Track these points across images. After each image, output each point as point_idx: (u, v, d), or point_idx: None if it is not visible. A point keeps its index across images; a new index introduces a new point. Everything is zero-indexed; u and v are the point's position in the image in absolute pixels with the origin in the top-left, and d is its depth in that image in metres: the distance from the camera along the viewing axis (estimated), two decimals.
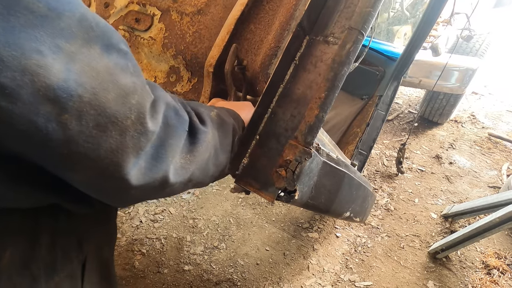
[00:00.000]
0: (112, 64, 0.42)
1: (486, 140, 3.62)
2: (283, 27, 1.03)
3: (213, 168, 0.65)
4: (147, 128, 0.46)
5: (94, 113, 0.39)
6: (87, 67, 0.39)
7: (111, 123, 0.41)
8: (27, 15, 0.34)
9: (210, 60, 1.11)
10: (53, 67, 0.36)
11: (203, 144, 0.58)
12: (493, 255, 2.35)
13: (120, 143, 0.43)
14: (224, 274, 2.10)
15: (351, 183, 1.12)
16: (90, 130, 0.40)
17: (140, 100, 0.45)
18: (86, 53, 0.39)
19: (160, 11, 1.30)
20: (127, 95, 0.43)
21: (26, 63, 0.34)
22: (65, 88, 0.37)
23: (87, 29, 0.40)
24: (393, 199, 2.81)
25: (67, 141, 0.39)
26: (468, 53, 3.49)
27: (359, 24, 0.77)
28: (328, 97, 0.74)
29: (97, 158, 0.42)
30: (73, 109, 0.38)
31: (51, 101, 0.36)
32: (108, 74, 0.41)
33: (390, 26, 3.57)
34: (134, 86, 0.44)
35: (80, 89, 0.38)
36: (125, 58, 0.45)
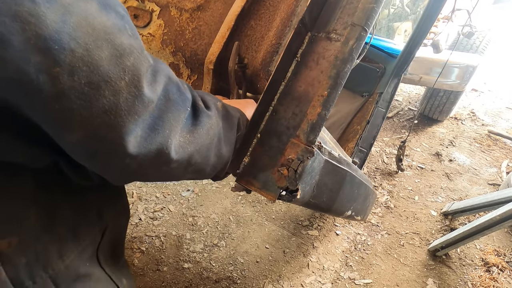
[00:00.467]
0: (109, 23, 0.41)
1: (486, 137, 3.61)
2: (285, 23, 1.01)
3: (214, 158, 0.64)
4: (143, 92, 0.44)
5: (86, 69, 0.39)
6: (83, 21, 0.38)
7: (104, 82, 0.40)
8: None
9: (210, 57, 1.10)
10: (46, 17, 0.35)
11: (204, 127, 0.57)
12: (492, 252, 2.36)
13: (113, 103, 0.42)
14: (224, 272, 2.09)
15: (353, 181, 1.11)
16: (82, 87, 0.39)
17: (135, 63, 0.44)
18: (82, 6, 0.38)
19: (159, 7, 1.28)
20: (121, 56, 0.42)
21: (17, 9, 0.33)
22: (57, 40, 0.36)
23: None
24: (393, 197, 2.81)
25: (58, 94, 0.38)
26: (468, 50, 3.47)
27: (362, 20, 0.75)
28: (331, 95, 0.73)
29: (90, 117, 0.41)
30: (65, 63, 0.37)
31: (41, 51, 0.35)
32: (104, 32, 0.40)
33: (391, 22, 3.55)
34: (130, 48, 0.43)
35: (73, 43, 0.37)
36: (123, 20, 0.44)
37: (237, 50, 1.03)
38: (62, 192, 0.57)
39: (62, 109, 0.39)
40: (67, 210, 0.58)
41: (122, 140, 0.44)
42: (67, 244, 0.59)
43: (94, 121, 0.41)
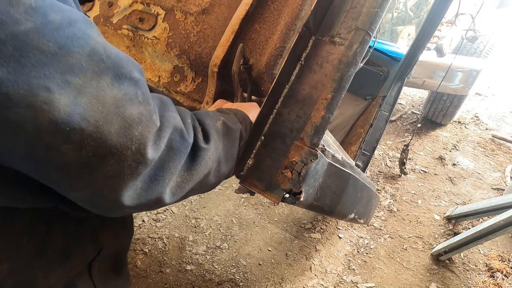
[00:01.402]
0: (120, 95, 0.43)
1: (489, 141, 3.60)
2: (289, 27, 1.02)
3: (214, 179, 0.65)
4: (146, 157, 0.46)
5: (94, 144, 0.40)
6: (94, 99, 0.40)
7: (110, 153, 0.42)
8: (37, 54, 0.35)
9: (214, 60, 1.11)
10: (59, 102, 0.37)
11: (202, 162, 0.57)
12: (496, 257, 2.34)
13: (117, 170, 0.44)
14: (226, 274, 2.10)
15: (356, 184, 1.11)
16: (89, 158, 0.41)
17: (143, 131, 0.45)
18: (95, 85, 0.40)
19: (164, 10, 1.29)
20: (130, 127, 0.43)
21: (32, 100, 0.35)
22: (68, 122, 0.38)
23: (97, 62, 0.41)
24: (396, 200, 2.80)
25: (66, 165, 0.40)
26: (472, 54, 3.47)
27: (366, 24, 0.76)
28: (335, 98, 0.74)
29: (94, 181, 0.43)
30: (74, 141, 0.39)
31: (53, 133, 0.37)
32: (115, 105, 0.42)
33: (394, 26, 3.55)
34: (139, 117, 0.44)
35: (84, 123, 0.39)
36: (136, 86, 0.45)
37: (241, 52, 1.04)
38: (57, 221, 0.59)
39: (68, 175, 0.42)
40: (61, 236, 0.60)
41: (122, 197, 0.46)
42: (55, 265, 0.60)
43: (97, 184, 0.43)
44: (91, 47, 0.40)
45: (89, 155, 0.40)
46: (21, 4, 0.34)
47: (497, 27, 5.30)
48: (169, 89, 1.32)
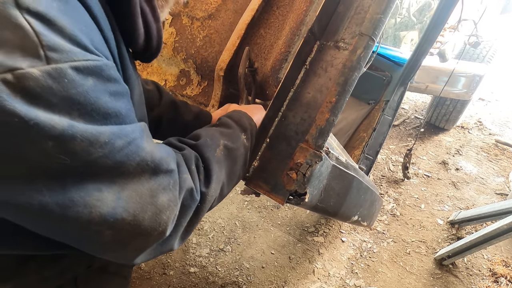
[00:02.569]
0: (156, 186, 0.49)
1: (493, 146, 3.59)
2: (294, 32, 1.04)
3: (217, 202, 0.71)
4: (167, 232, 0.52)
5: (129, 229, 0.46)
6: (134, 192, 0.46)
7: (140, 235, 0.48)
8: (96, 169, 0.42)
9: (220, 64, 1.13)
10: (107, 198, 0.43)
11: (208, 204, 0.63)
12: (500, 262, 2.33)
13: (142, 245, 0.51)
14: (230, 277, 2.10)
15: (360, 187, 1.13)
16: (123, 238, 0.47)
17: (169, 215, 0.51)
18: (136, 181, 0.46)
19: (171, 15, 1.32)
20: (160, 213, 0.49)
21: (88, 199, 0.42)
22: (112, 214, 0.44)
23: (142, 167, 0.47)
24: (399, 205, 2.80)
25: (103, 244, 0.47)
26: (475, 59, 3.48)
27: (369, 30, 0.78)
28: (339, 101, 0.76)
29: (119, 252, 0.50)
30: (116, 228, 0.45)
31: (100, 224, 0.44)
32: (150, 196, 0.48)
33: (397, 31, 3.58)
34: (168, 203, 0.50)
35: (125, 214, 0.45)
36: (169, 176, 0.51)
37: (247, 55, 1.06)
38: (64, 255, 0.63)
39: (101, 249, 0.49)
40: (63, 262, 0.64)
41: (139, 258, 0.53)
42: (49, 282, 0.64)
43: (122, 253, 0.50)
44: (141, 158, 0.47)
45: (124, 236, 0.47)
46: (98, 143, 0.41)
47: (500, 33, 5.31)
48: (175, 93, 1.34)
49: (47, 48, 0.36)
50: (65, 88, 0.37)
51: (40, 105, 0.36)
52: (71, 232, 0.44)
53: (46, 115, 0.36)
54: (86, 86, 0.39)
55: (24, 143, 0.36)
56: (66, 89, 0.37)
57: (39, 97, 0.36)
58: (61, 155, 0.38)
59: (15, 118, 0.34)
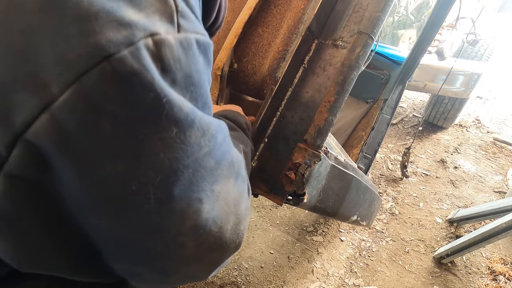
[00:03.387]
0: (238, 193, 0.44)
1: (491, 144, 3.60)
2: (291, 30, 1.04)
3: None
4: (241, 245, 0.47)
5: (212, 240, 0.40)
6: (223, 202, 0.41)
7: (220, 247, 0.42)
8: (202, 172, 0.37)
9: (218, 63, 1.12)
10: (204, 209, 0.38)
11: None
12: (499, 261, 2.34)
13: (218, 259, 0.44)
14: (228, 277, 2.10)
15: (359, 186, 1.12)
16: (203, 252, 0.40)
17: (246, 225, 0.46)
18: (225, 188, 0.41)
19: None
20: (239, 223, 0.44)
21: (186, 210, 0.36)
22: (204, 226, 0.38)
23: (231, 169, 0.43)
24: (398, 203, 2.80)
25: (183, 258, 0.40)
26: (473, 58, 3.48)
27: (368, 28, 0.77)
28: (338, 100, 0.75)
29: (192, 268, 0.42)
30: (201, 240, 0.39)
31: (189, 235, 0.38)
32: (234, 205, 0.43)
33: (395, 30, 3.57)
34: (245, 212, 0.46)
35: (213, 226, 0.39)
36: (244, 182, 0.47)
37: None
38: None
39: (178, 265, 0.40)
40: None
41: (207, 277, 0.47)
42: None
43: (195, 269, 0.43)
44: (232, 157, 0.43)
45: (204, 249, 0.40)
46: (208, 135, 0.36)
47: (498, 31, 5.32)
48: None
49: (180, 14, 0.31)
50: (189, 62, 0.32)
51: (169, 80, 0.30)
52: (151, 243, 0.36)
53: (175, 93, 0.30)
54: (201, 65, 0.34)
55: (148, 128, 0.29)
56: (190, 64, 0.32)
57: (170, 70, 0.30)
58: (181, 145, 0.32)
59: (151, 93, 0.28)
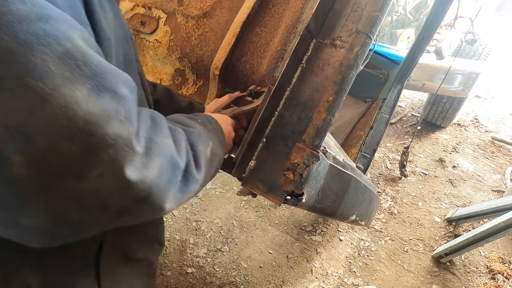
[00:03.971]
0: (97, 110, 0.37)
1: (489, 143, 3.60)
2: (289, 30, 1.03)
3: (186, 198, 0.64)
4: (127, 179, 0.41)
5: (51, 160, 0.35)
6: (58, 110, 0.34)
7: (69, 173, 0.37)
8: None
9: (216, 63, 1.12)
10: (14, 108, 0.33)
11: (191, 193, 0.56)
12: (497, 259, 2.34)
13: (96, 190, 0.40)
14: (227, 277, 2.09)
15: (357, 186, 1.12)
16: (45, 176, 0.36)
17: (115, 156, 0.39)
18: (65, 94, 0.35)
19: (166, 14, 1.30)
20: (97, 150, 0.38)
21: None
22: (21, 131, 0.34)
23: (71, 68, 0.36)
24: (397, 203, 2.80)
25: (13, 180, 0.36)
26: (471, 57, 3.48)
27: (366, 27, 0.77)
28: (336, 100, 0.74)
29: (49, 201, 0.39)
30: (26, 153, 0.34)
31: (4, 140, 0.34)
32: (85, 121, 0.36)
33: (393, 29, 3.57)
34: (114, 139, 0.39)
35: (40, 138, 0.34)
36: (120, 103, 0.40)
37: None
38: None
39: (21, 191, 0.36)
40: None
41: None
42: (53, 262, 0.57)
43: (53, 207, 0.38)
44: (65, 49, 0.36)
45: (44, 175, 0.36)
46: None
47: (496, 30, 5.33)
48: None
49: None
50: None
51: None
52: None
53: None
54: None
55: None
56: None
57: None
58: None
59: None
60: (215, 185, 2.76)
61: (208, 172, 0.63)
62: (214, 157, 0.66)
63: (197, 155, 0.58)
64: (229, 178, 2.82)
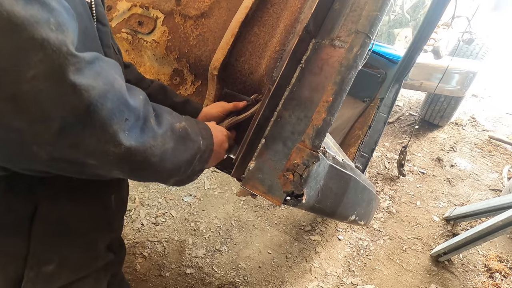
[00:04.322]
0: (22, 14, 0.40)
1: (486, 142, 3.62)
2: (288, 30, 1.03)
3: (155, 176, 0.64)
4: (70, 82, 0.44)
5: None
6: None
7: (4, 71, 0.40)
8: None
9: (214, 63, 1.11)
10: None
11: (147, 144, 0.56)
12: (495, 258, 2.35)
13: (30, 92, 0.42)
14: (226, 277, 2.09)
15: (357, 186, 1.12)
16: None
17: (45, 59, 0.42)
18: None
19: (163, 14, 1.30)
20: (26, 51, 0.41)
21: None
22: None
23: None
24: (395, 202, 2.81)
25: None
26: (468, 56, 3.50)
27: (366, 27, 0.77)
28: (336, 100, 0.74)
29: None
30: None
31: None
32: (9, 21, 0.39)
33: (391, 29, 3.58)
34: (43, 43, 0.41)
35: None
36: (50, 13, 0.43)
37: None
38: None
39: None
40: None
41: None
42: None
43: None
44: None
45: None
46: None
47: (492, 30, 5.35)
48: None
49: None
50: None
51: None
52: None
53: None
54: None
55: None
56: None
57: None
58: None
59: None
60: (214, 185, 2.75)
61: (175, 142, 0.63)
62: (188, 137, 0.66)
63: (160, 116, 0.60)
64: (227, 178, 2.82)
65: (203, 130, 0.75)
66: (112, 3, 1.40)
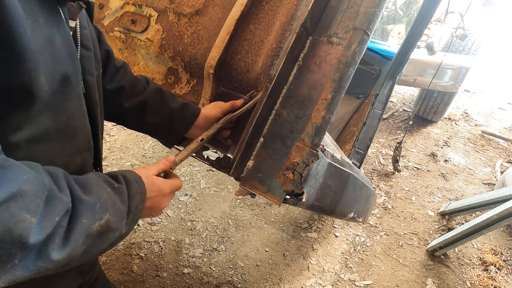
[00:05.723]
0: None
1: (479, 137, 3.66)
2: (285, 27, 1.02)
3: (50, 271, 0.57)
4: None
5: None
6: None
7: None
8: None
9: (210, 61, 1.10)
10: None
11: (36, 272, 0.50)
12: (489, 251, 2.38)
13: None
14: (224, 276, 2.08)
15: (355, 183, 1.11)
16: None
17: None
18: None
19: (157, 12, 1.28)
20: None
21: None
22: None
23: None
24: (391, 198, 2.82)
25: None
26: (461, 52, 3.52)
27: (364, 24, 0.76)
28: (335, 98, 0.74)
29: None
30: None
31: None
32: None
33: (384, 25, 3.59)
34: None
35: None
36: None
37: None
38: None
39: None
40: None
41: None
42: None
43: None
44: None
45: None
46: None
47: (482, 25, 5.40)
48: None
49: None
50: None
51: None
52: None
53: None
54: None
55: None
56: None
57: None
58: None
59: None
60: (209, 184, 2.74)
61: (88, 245, 0.56)
62: (107, 232, 0.59)
63: (73, 229, 0.53)
64: (223, 177, 2.80)
65: (132, 198, 0.66)
66: (104, 1, 1.38)
